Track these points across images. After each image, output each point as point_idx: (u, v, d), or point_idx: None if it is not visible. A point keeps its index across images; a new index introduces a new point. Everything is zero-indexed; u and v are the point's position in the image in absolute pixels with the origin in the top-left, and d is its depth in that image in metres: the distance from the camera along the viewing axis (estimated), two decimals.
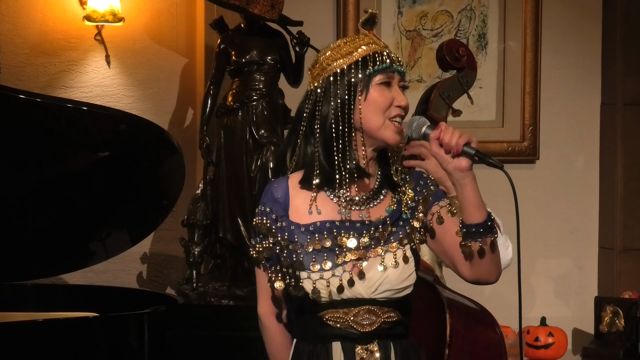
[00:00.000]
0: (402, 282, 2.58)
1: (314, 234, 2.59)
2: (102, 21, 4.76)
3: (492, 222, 2.58)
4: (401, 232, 2.61)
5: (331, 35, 5.04)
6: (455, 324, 3.18)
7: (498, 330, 3.33)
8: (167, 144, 3.94)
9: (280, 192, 2.63)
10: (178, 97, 5.02)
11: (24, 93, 3.90)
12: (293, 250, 2.59)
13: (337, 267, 2.57)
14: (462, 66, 3.56)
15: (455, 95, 3.57)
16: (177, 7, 4.99)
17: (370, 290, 2.57)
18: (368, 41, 2.62)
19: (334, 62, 2.61)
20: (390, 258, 2.58)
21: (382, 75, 2.59)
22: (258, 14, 4.57)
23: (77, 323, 3.69)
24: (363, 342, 2.59)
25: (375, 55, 2.59)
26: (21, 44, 4.86)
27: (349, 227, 2.59)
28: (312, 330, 2.62)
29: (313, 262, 2.57)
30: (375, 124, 2.58)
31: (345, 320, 2.58)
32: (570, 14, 5.18)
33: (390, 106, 2.59)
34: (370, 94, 2.59)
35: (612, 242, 5.15)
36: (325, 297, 2.57)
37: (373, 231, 2.59)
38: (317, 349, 2.61)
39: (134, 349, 3.68)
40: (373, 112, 2.58)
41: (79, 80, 4.91)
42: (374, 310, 2.58)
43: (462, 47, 3.56)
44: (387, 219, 2.60)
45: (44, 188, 3.91)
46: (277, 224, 2.61)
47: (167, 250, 5.01)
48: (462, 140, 2.58)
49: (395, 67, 2.60)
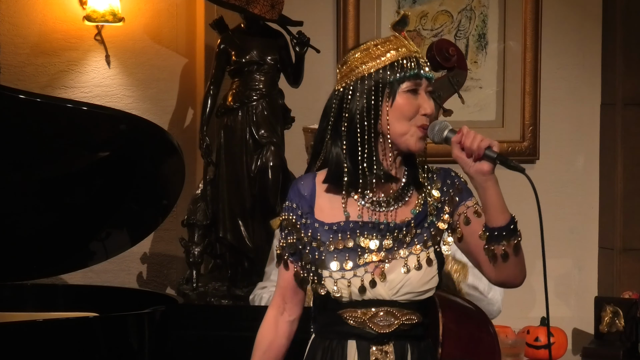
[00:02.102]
0: (423, 284, 2.58)
1: (337, 233, 2.59)
2: (102, 21, 4.76)
3: (514, 225, 2.60)
4: (426, 234, 2.60)
5: (331, 35, 5.04)
6: (447, 323, 3.18)
7: (492, 330, 3.34)
8: (167, 144, 3.94)
9: (307, 189, 2.64)
10: (178, 97, 5.02)
11: (24, 93, 3.90)
12: (316, 248, 2.59)
13: (359, 267, 2.56)
14: (452, 66, 3.56)
15: (446, 95, 3.57)
16: (177, 7, 4.99)
17: (392, 292, 2.57)
18: (398, 45, 2.60)
19: (363, 65, 2.59)
20: (414, 261, 2.57)
21: (409, 83, 2.57)
22: (258, 14, 4.57)
23: (77, 323, 3.69)
24: (379, 343, 2.59)
25: (404, 61, 2.58)
26: (21, 44, 4.86)
27: (373, 228, 2.59)
28: (330, 327, 2.63)
29: (335, 260, 2.57)
30: (400, 130, 2.57)
31: (363, 320, 2.58)
32: (570, 14, 5.18)
33: (417, 114, 2.58)
34: (396, 101, 2.57)
35: (612, 242, 5.15)
36: (346, 297, 2.57)
37: (397, 233, 2.58)
38: (332, 345, 2.61)
39: (134, 349, 3.68)
40: (398, 119, 2.57)
41: (79, 80, 4.91)
42: (393, 312, 2.58)
43: (451, 46, 3.56)
44: (411, 222, 2.59)
45: (44, 188, 3.91)
46: (302, 220, 2.62)
47: (167, 250, 5.01)
48: (484, 144, 2.58)
49: (424, 73, 2.58)
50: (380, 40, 2.63)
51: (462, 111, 3.67)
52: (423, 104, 2.58)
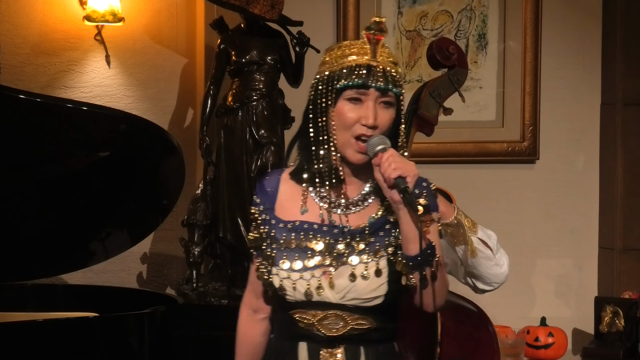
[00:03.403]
0: (369, 292, 2.56)
1: (291, 232, 2.58)
2: (102, 21, 4.76)
3: (423, 258, 2.51)
4: (379, 242, 2.58)
5: (331, 35, 5.04)
6: (446, 322, 3.18)
7: (491, 329, 3.33)
8: (167, 144, 3.94)
9: (271, 184, 2.66)
10: (178, 97, 5.02)
11: (24, 93, 3.90)
12: (270, 245, 2.59)
13: (307, 270, 2.55)
14: (453, 64, 3.56)
15: (446, 94, 3.56)
16: (177, 7, 4.99)
17: (339, 296, 2.55)
18: (358, 51, 2.57)
19: (324, 65, 2.59)
20: (361, 269, 2.55)
21: (352, 91, 2.53)
22: (258, 14, 4.57)
23: (77, 323, 3.69)
24: (328, 346, 2.58)
25: (354, 69, 2.54)
26: (21, 44, 4.86)
27: (327, 231, 2.57)
28: (284, 328, 2.63)
29: (283, 259, 2.57)
30: (341, 139, 2.55)
31: (313, 323, 2.57)
32: (570, 14, 5.18)
33: (356, 124, 2.54)
34: (337, 108, 2.55)
35: (612, 242, 5.15)
36: (292, 297, 2.56)
37: (350, 239, 2.56)
38: (285, 347, 2.62)
39: (134, 349, 3.68)
40: (339, 127, 2.55)
41: (79, 80, 4.91)
42: (343, 316, 2.56)
43: (452, 45, 3.56)
44: (366, 228, 2.57)
45: (44, 188, 3.91)
46: (263, 216, 2.63)
47: (167, 250, 5.01)
48: (394, 173, 2.48)
49: (373, 83, 2.53)
50: (354, 42, 2.59)
51: (462, 111, 3.67)
52: (365, 114, 2.53)
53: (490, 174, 5.08)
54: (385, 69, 2.56)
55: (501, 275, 3.46)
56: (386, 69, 2.56)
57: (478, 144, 5.07)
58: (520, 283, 5.10)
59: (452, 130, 4.92)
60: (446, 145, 5.03)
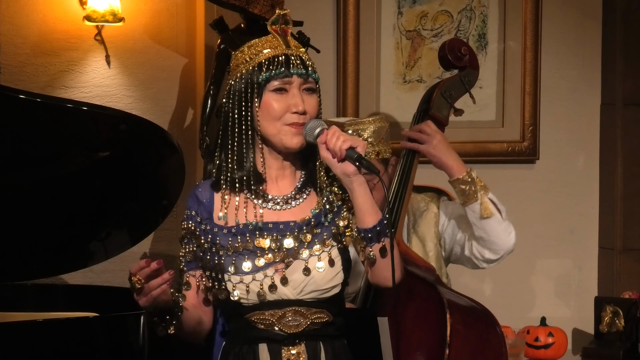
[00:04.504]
0: (328, 282, 2.57)
1: (237, 236, 2.58)
2: (102, 21, 4.76)
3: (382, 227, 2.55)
4: (326, 233, 2.59)
5: (331, 35, 5.04)
6: (455, 323, 3.18)
7: (499, 330, 3.34)
8: (167, 144, 3.94)
9: (204, 195, 2.64)
10: (178, 97, 5.02)
11: (24, 93, 3.90)
12: (215, 253, 2.58)
13: (258, 270, 2.55)
14: (464, 65, 3.57)
15: (457, 95, 3.57)
16: (177, 7, 4.98)
17: (297, 291, 2.56)
18: (271, 44, 2.60)
19: (240, 65, 2.61)
20: (314, 262, 2.56)
21: (277, 82, 2.56)
22: (258, 14, 4.57)
23: (77, 323, 3.69)
24: (290, 344, 2.58)
25: (272, 60, 2.57)
26: (21, 44, 4.86)
27: (272, 229, 2.57)
28: (240, 333, 2.61)
29: (232, 264, 2.56)
30: (272, 131, 2.57)
31: (272, 322, 2.56)
32: (570, 14, 5.18)
33: (286, 113, 2.56)
34: (263, 101, 2.57)
35: (612, 242, 5.14)
36: (246, 300, 2.56)
37: (297, 233, 2.57)
38: (243, 350, 2.60)
39: (133, 349, 3.68)
40: (267, 120, 2.57)
41: (79, 80, 4.90)
42: (302, 311, 2.57)
43: (464, 46, 3.56)
44: (311, 220, 2.58)
45: (44, 188, 3.91)
46: (202, 227, 2.61)
47: (167, 250, 5.01)
48: (346, 145, 2.52)
49: (294, 71, 2.57)
50: (262, 39, 2.62)
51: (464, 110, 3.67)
52: (293, 101, 2.56)
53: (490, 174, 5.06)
54: (301, 56, 2.60)
55: (509, 243, 3.47)
56: (302, 56, 2.60)
57: (478, 144, 5.07)
58: (520, 283, 5.10)
59: (452, 130, 4.90)
60: None
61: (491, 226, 3.43)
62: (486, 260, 3.51)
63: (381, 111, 5.02)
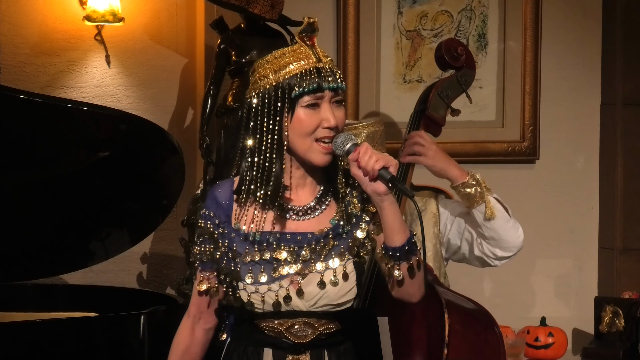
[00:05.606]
0: (341, 297, 2.55)
1: (253, 244, 2.54)
2: (102, 21, 4.76)
3: (410, 247, 2.51)
4: (343, 245, 2.56)
5: (331, 36, 5.04)
6: (454, 323, 3.18)
7: (497, 330, 3.34)
8: (167, 144, 3.94)
9: (224, 196, 2.59)
10: (178, 97, 5.02)
11: (24, 93, 3.90)
12: (232, 259, 2.55)
13: (274, 281, 2.52)
14: (461, 65, 3.56)
15: (454, 95, 3.57)
16: (177, 7, 4.99)
17: (309, 304, 2.54)
18: (299, 57, 2.55)
19: (265, 78, 2.53)
20: (330, 275, 2.53)
21: (309, 97, 2.51)
22: (258, 14, 4.57)
23: (77, 323, 3.69)
24: (295, 352, 2.57)
25: (303, 75, 2.52)
26: (21, 44, 4.86)
27: (290, 239, 2.54)
28: (246, 334, 2.60)
29: (249, 273, 2.53)
30: (302, 147, 2.52)
31: (280, 331, 2.55)
32: (570, 14, 5.18)
33: (318, 128, 2.52)
34: (295, 117, 2.52)
35: (612, 242, 5.14)
36: (260, 310, 2.54)
37: (314, 245, 2.54)
38: (248, 351, 2.59)
39: (134, 349, 3.68)
40: (299, 135, 2.52)
41: (79, 80, 4.91)
42: (311, 323, 2.55)
43: (460, 46, 3.56)
44: (329, 232, 2.56)
45: (44, 188, 3.91)
46: (219, 230, 2.57)
47: (167, 250, 5.01)
48: (379, 165, 2.47)
49: (326, 85, 2.52)
50: (289, 49, 2.58)
51: (462, 111, 3.66)
52: (325, 116, 2.52)
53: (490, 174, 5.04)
54: (331, 68, 2.56)
55: (518, 239, 3.46)
56: (332, 68, 2.56)
57: (478, 143, 5.07)
58: (520, 283, 5.10)
59: (451, 130, 4.91)
60: (446, 145, 4.99)
61: (500, 225, 3.43)
62: (499, 258, 3.51)
63: (381, 111, 5.02)
